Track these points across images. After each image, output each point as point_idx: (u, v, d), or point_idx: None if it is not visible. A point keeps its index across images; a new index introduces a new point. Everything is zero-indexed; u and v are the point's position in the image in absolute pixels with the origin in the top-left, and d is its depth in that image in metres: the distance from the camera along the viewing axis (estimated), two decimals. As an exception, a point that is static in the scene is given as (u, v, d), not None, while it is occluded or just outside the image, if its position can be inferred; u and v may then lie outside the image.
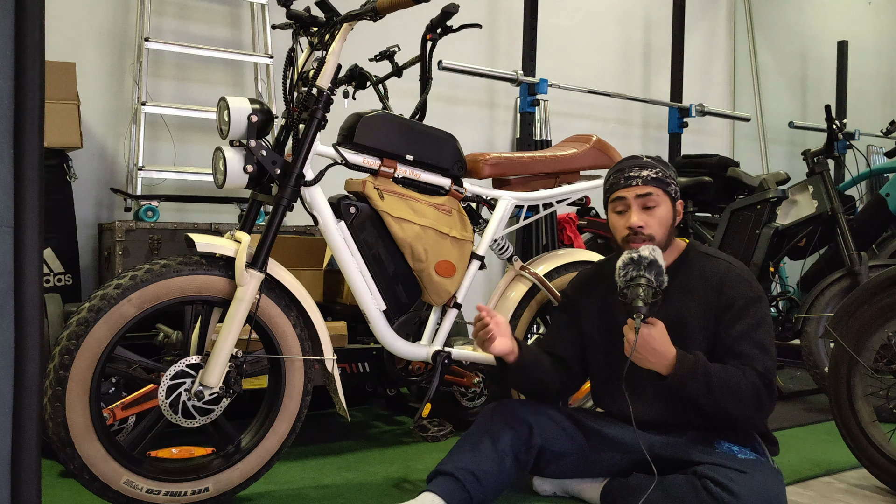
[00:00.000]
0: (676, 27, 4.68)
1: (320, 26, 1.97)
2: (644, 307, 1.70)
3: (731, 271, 1.89)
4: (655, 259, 1.75)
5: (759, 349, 1.81)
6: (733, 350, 1.82)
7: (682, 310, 1.88)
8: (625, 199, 1.91)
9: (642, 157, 1.96)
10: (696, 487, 1.70)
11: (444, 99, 4.04)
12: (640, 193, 1.90)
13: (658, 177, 1.91)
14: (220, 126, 1.90)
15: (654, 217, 1.90)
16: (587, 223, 3.92)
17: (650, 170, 1.91)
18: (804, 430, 2.85)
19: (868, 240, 3.67)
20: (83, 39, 3.10)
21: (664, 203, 1.91)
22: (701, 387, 1.74)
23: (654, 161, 1.94)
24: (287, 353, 1.92)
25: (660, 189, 1.91)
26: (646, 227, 1.89)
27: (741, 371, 1.77)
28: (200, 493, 1.83)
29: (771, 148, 5.35)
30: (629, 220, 1.90)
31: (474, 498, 1.74)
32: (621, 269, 1.77)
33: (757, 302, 1.86)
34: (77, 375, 1.67)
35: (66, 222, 2.81)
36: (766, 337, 1.84)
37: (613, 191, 1.94)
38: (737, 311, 1.84)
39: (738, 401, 1.75)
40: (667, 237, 1.92)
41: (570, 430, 1.91)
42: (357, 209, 2.04)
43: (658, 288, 1.75)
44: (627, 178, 1.91)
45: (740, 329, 1.83)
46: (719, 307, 1.86)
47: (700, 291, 1.89)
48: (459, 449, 1.82)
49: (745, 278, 1.88)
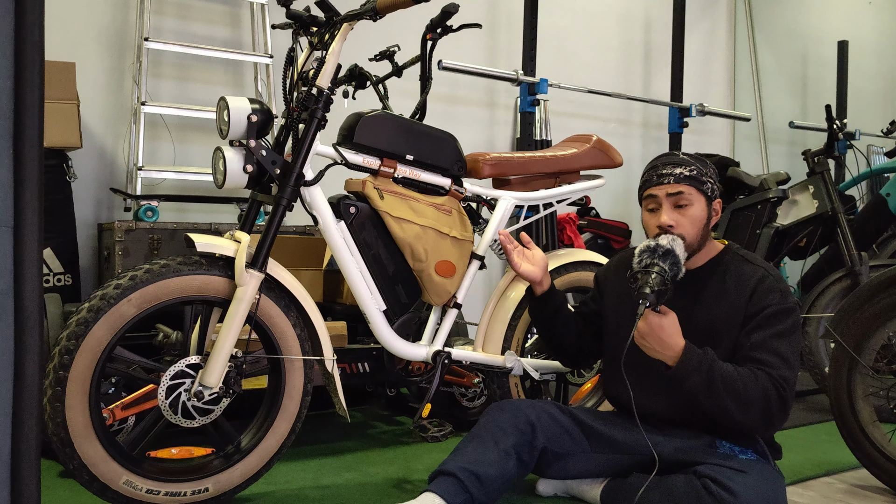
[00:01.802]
0: (676, 27, 4.68)
1: (320, 26, 1.97)
2: (651, 294, 1.70)
3: (765, 279, 1.84)
4: (672, 249, 1.74)
5: (779, 359, 1.76)
6: (751, 356, 1.78)
7: (712, 311, 1.86)
8: (656, 198, 1.88)
9: (678, 154, 1.91)
10: (695, 487, 1.70)
11: (444, 99, 4.04)
12: (672, 192, 1.86)
13: (692, 175, 1.86)
14: (219, 126, 1.90)
15: (686, 216, 1.86)
16: (587, 223, 3.92)
17: (684, 167, 1.87)
18: (804, 430, 2.85)
19: (868, 240, 3.67)
20: (83, 39, 3.10)
21: (698, 202, 1.87)
22: (703, 383, 1.73)
23: (689, 158, 1.90)
24: (287, 354, 1.92)
25: (693, 188, 1.86)
26: (676, 226, 1.85)
27: (753, 376, 1.74)
28: (200, 494, 1.83)
29: (771, 148, 5.35)
30: (659, 218, 1.86)
31: (476, 499, 1.72)
32: (637, 256, 1.77)
33: (786, 313, 1.80)
34: (77, 375, 1.67)
35: (65, 222, 2.81)
36: (789, 349, 1.78)
37: (646, 188, 1.91)
38: (763, 318, 1.80)
39: (741, 405, 1.73)
40: (699, 237, 1.88)
41: (572, 431, 1.91)
42: (357, 209, 2.04)
43: (671, 278, 1.74)
44: (660, 175, 1.88)
45: (762, 336, 1.78)
46: (747, 313, 1.82)
47: (732, 295, 1.85)
48: (462, 448, 1.81)
49: (778, 288, 1.83)
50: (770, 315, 1.79)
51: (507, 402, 1.93)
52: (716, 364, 1.74)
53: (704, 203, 1.88)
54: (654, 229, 1.87)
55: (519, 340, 2.31)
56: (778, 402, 1.73)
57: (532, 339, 2.50)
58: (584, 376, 2.49)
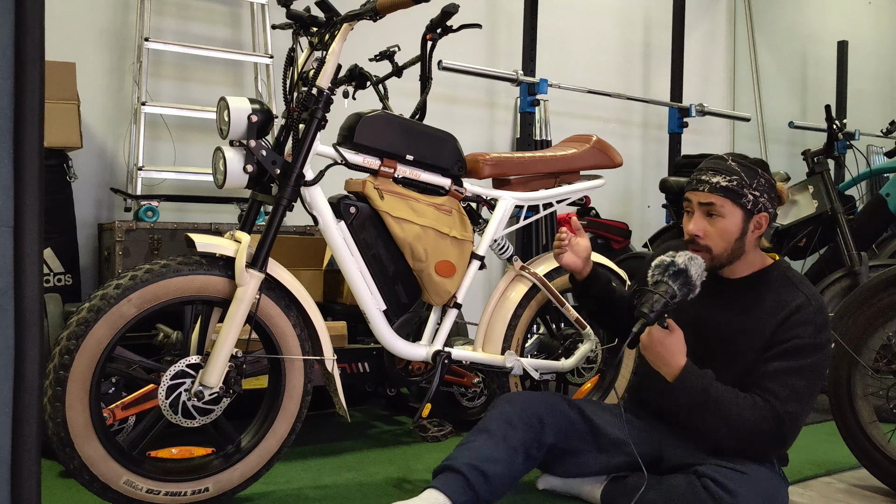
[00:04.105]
0: (676, 27, 4.68)
1: (320, 26, 1.97)
2: (650, 314, 1.68)
3: (803, 308, 1.76)
4: (686, 269, 1.70)
5: (791, 392, 1.70)
6: (762, 384, 1.73)
7: (739, 324, 1.82)
8: (690, 202, 1.85)
9: (727, 161, 1.83)
10: (695, 487, 1.70)
11: (444, 99, 4.04)
12: (703, 202, 1.81)
13: (729, 186, 1.78)
14: (220, 126, 1.90)
15: (716, 227, 1.80)
16: (587, 223, 3.92)
17: (723, 177, 1.79)
18: (804, 430, 2.85)
19: (868, 240, 3.66)
20: (83, 39, 3.10)
21: (731, 215, 1.79)
22: (695, 406, 1.72)
23: (734, 167, 1.81)
24: (287, 353, 1.92)
25: (728, 199, 1.78)
26: (704, 236, 1.81)
27: (752, 403, 1.70)
28: (200, 493, 1.83)
29: (771, 148, 5.35)
30: (688, 225, 1.84)
31: (481, 497, 1.69)
32: (651, 269, 1.75)
33: (815, 349, 1.73)
34: (77, 375, 1.67)
35: (66, 222, 2.81)
36: (806, 386, 1.71)
37: (686, 190, 1.87)
38: (788, 348, 1.73)
39: (731, 429, 1.71)
40: (730, 250, 1.81)
41: (580, 428, 1.89)
42: (357, 209, 2.04)
43: (677, 298, 1.70)
44: (699, 181, 1.83)
45: (780, 366, 1.73)
46: (774, 339, 1.76)
47: (764, 315, 1.79)
48: (470, 443, 1.77)
49: (814, 321, 1.75)
50: (796, 347, 1.73)
51: (516, 394, 1.91)
52: (712, 387, 1.72)
53: (741, 216, 1.80)
54: (687, 234, 1.85)
55: (519, 340, 2.31)
56: (775, 436, 1.70)
57: (532, 339, 2.50)
58: (583, 376, 2.49)
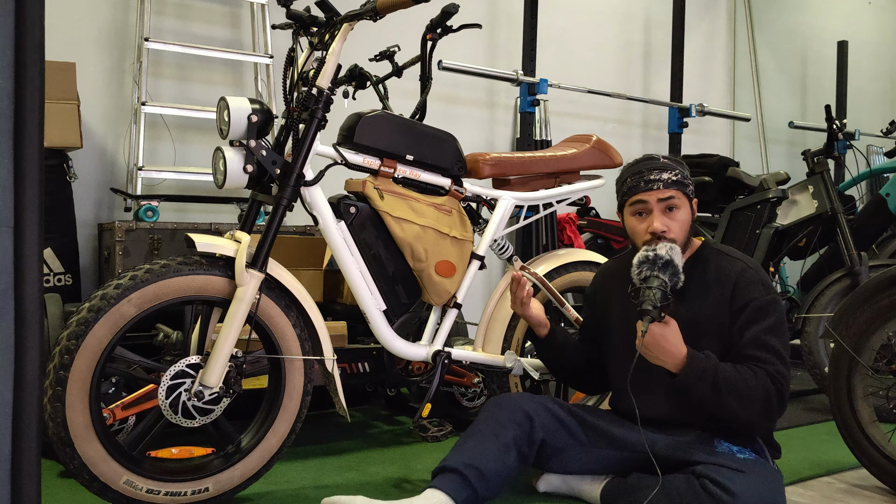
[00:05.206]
0: (676, 27, 4.68)
1: (320, 26, 1.97)
2: (654, 310, 1.70)
3: (745, 272, 1.86)
4: (671, 259, 1.75)
5: (773, 353, 1.79)
6: (746, 353, 1.80)
7: (696, 308, 1.87)
8: (646, 203, 1.89)
9: (659, 158, 1.93)
10: (694, 487, 1.70)
11: (444, 99, 4.04)
12: (662, 197, 1.87)
13: (678, 179, 1.89)
14: (220, 126, 1.90)
15: (676, 220, 1.88)
16: (587, 223, 3.92)
17: (670, 172, 1.89)
18: (804, 430, 2.85)
19: (868, 240, 3.67)
20: (83, 39, 3.10)
21: (684, 205, 1.90)
22: (709, 388, 1.74)
23: (672, 162, 1.92)
24: (287, 353, 1.92)
25: (679, 191, 1.89)
26: (668, 231, 1.86)
27: (753, 373, 1.76)
28: (200, 493, 1.83)
29: (771, 148, 5.35)
30: (651, 224, 1.87)
31: (479, 494, 1.74)
32: (636, 267, 1.77)
33: (771, 305, 1.83)
34: (77, 375, 1.67)
35: (66, 222, 2.81)
36: (780, 341, 1.81)
37: (633, 194, 1.91)
38: (750, 313, 1.82)
39: (745, 404, 1.75)
40: (685, 238, 1.91)
41: (570, 425, 1.91)
42: (357, 209, 2.04)
43: (671, 289, 1.74)
44: (648, 181, 1.88)
45: (753, 332, 1.80)
46: (733, 308, 1.84)
47: (714, 290, 1.87)
48: (463, 444, 1.82)
49: (760, 280, 1.85)
50: (757, 309, 1.81)
51: (504, 397, 1.94)
52: (719, 367, 1.75)
53: (688, 204, 1.92)
54: (644, 235, 1.88)
55: (519, 340, 2.31)
56: (777, 396, 1.77)
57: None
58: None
